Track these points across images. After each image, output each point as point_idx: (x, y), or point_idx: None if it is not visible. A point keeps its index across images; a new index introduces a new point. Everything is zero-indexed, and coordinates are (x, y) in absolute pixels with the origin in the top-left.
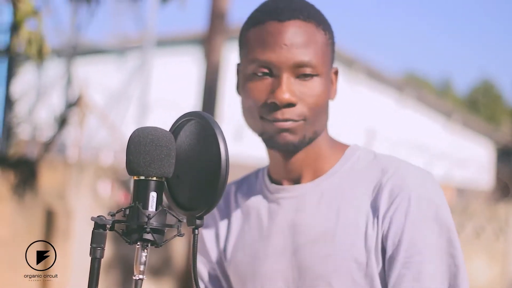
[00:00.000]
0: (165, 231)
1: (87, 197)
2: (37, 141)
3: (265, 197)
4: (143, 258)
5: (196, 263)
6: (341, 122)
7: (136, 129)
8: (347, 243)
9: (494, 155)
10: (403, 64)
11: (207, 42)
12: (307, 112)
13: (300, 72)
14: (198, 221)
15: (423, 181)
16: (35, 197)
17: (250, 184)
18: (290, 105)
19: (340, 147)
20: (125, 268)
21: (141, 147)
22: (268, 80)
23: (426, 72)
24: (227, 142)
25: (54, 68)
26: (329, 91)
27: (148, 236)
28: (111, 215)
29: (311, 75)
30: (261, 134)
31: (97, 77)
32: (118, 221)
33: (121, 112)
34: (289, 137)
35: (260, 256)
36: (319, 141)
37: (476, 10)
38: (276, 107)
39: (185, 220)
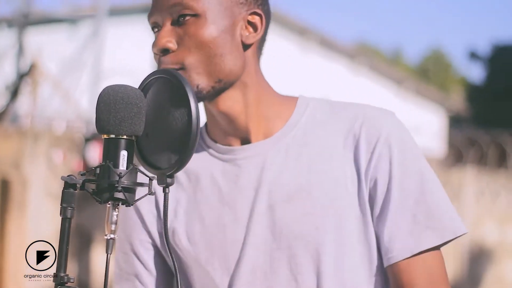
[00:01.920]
0: (136, 190)
1: (42, 166)
2: None
3: (216, 160)
4: (114, 218)
5: (167, 222)
6: (295, 90)
7: (106, 87)
8: (327, 199)
9: (446, 122)
10: (355, 33)
11: None
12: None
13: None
14: (168, 180)
15: (393, 121)
16: None
17: None
18: (166, 51)
19: (288, 99)
20: (82, 236)
21: (111, 105)
22: None
23: (377, 41)
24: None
25: (5, 37)
26: (230, 33)
27: (119, 195)
28: (81, 174)
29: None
30: None
31: (50, 46)
32: (89, 180)
33: (75, 80)
34: None
35: (225, 223)
36: (255, 94)
37: None
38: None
39: (155, 179)
